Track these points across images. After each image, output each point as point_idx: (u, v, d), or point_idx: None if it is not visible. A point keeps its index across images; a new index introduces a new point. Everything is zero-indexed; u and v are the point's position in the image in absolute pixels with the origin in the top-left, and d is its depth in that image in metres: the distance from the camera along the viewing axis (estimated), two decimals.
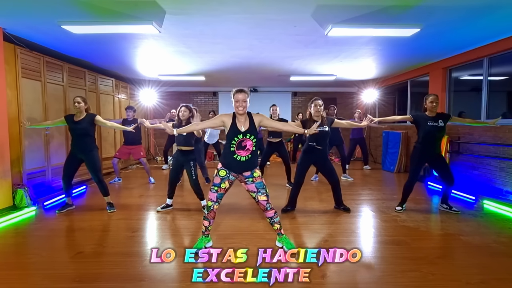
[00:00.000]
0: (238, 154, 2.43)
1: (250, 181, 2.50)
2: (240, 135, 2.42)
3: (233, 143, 2.42)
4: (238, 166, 2.45)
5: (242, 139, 2.43)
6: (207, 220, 2.55)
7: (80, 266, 2.33)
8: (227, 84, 8.54)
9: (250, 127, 2.46)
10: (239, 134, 2.42)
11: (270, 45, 4.59)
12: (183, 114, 3.56)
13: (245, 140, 2.43)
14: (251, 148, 2.44)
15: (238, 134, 2.42)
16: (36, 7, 3.14)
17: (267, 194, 2.52)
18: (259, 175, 2.52)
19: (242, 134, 2.43)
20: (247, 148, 2.43)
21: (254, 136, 2.46)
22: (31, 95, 4.26)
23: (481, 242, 2.76)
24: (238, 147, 2.43)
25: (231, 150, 2.43)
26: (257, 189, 2.50)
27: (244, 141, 2.43)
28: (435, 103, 3.42)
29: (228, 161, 2.47)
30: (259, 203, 2.52)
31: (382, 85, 7.87)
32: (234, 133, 2.43)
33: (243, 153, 2.43)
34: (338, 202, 3.72)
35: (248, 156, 2.44)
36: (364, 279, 2.13)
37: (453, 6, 3.13)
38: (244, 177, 2.51)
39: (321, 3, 3.06)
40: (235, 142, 2.42)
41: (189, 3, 3.05)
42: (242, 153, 2.43)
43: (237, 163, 2.44)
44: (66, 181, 3.66)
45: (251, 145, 2.44)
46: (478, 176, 4.69)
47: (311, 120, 3.49)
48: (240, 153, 2.43)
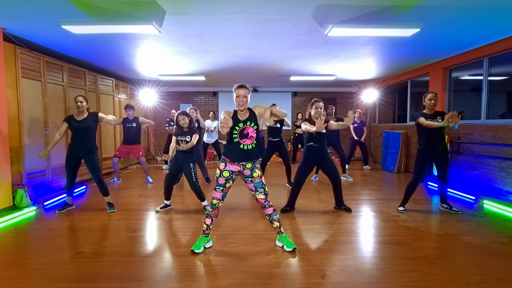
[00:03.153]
0: (243, 143, 2.49)
1: (249, 181, 2.56)
2: (240, 123, 2.49)
3: (235, 133, 2.48)
4: (244, 155, 2.50)
5: (243, 127, 2.48)
6: (210, 218, 2.57)
7: (80, 266, 2.33)
8: (227, 84, 8.52)
9: (250, 116, 2.53)
10: (240, 123, 2.49)
11: (270, 45, 4.59)
12: (183, 122, 3.61)
13: (246, 128, 2.49)
14: (254, 135, 2.50)
15: (238, 123, 2.49)
16: (36, 7, 3.14)
17: (266, 193, 2.57)
18: (258, 175, 2.55)
19: (243, 123, 2.49)
20: (250, 135, 2.49)
21: (254, 123, 2.51)
22: (31, 95, 4.26)
23: (481, 242, 2.76)
24: (241, 136, 2.48)
25: (235, 141, 2.49)
26: (255, 188, 2.56)
27: (246, 129, 2.49)
28: (434, 101, 3.42)
29: (233, 152, 2.51)
30: (258, 200, 2.58)
31: (382, 85, 7.87)
32: (234, 123, 2.48)
33: (248, 141, 2.49)
34: (339, 202, 3.72)
35: (253, 144, 2.51)
36: (364, 279, 2.13)
37: (453, 6, 3.13)
38: (245, 176, 2.56)
39: (321, 3, 3.06)
40: (236, 131, 2.47)
41: (189, 3, 3.05)
42: (247, 141, 2.49)
43: (243, 152, 2.49)
44: (70, 180, 3.67)
45: (253, 131, 2.50)
46: (478, 176, 4.69)
47: (310, 121, 3.51)
48: (245, 141, 2.49)
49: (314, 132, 3.39)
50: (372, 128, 8.53)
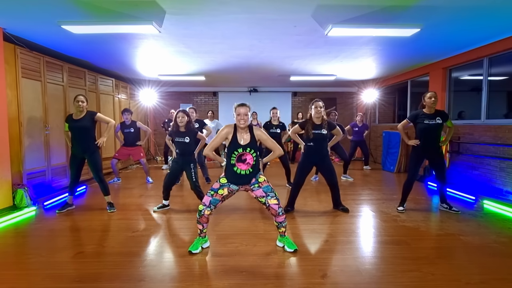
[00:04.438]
0: (238, 167, 2.41)
1: (256, 187, 2.46)
2: (240, 148, 2.41)
3: (233, 156, 2.42)
4: (238, 179, 2.43)
5: (242, 153, 2.41)
6: (200, 224, 2.51)
7: (80, 266, 2.33)
8: (227, 84, 8.54)
9: (251, 141, 2.44)
10: (239, 148, 2.41)
11: (270, 45, 4.59)
12: (181, 120, 3.56)
13: (245, 154, 2.42)
14: (251, 162, 2.42)
15: (238, 148, 2.41)
16: (36, 7, 3.14)
17: (277, 198, 2.47)
18: (265, 180, 2.49)
19: (242, 148, 2.41)
20: (247, 162, 2.42)
21: (254, 150, 2.43)
22: (31, 95, 4.26)
23: (481, 242, 2.76)
24: (238, 160, 2.41)
25: (231, 163, 2.42)
26: (265, 193, 2.44)
27: (244, 155, 2.42)
28: (434, 99, 3.42)
29: (229, 173, 2.46)
30: (270, 207, 2.44)
31: (382, 85, 7.88)
32: (234, 146, 2.42)
33: (244, 167, 2.41)
34: (336, 204, 3.72)
35: (249, 170, 2.42)
36: (364, 279, 2.13)
37: (453, 6, 3.13)
38: (250, 185, 2.47)
39: (321, 3, 3.06)
40: (235, 156, 2.41)
41: (189, 3, 3.05)
42: (242, 166, 2.41)
43: (237, 176, 2.42)
44: (73, 180, 3.67)
45: (251, 159, 2.42)
46: (478, 176, 4.69)
47: (311, 122, 3.50)
48: (240, 166, 2.41)
49: (310, 135, 3.43)
50: (372, 128, 8.52)
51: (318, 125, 3.49)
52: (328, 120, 3.60)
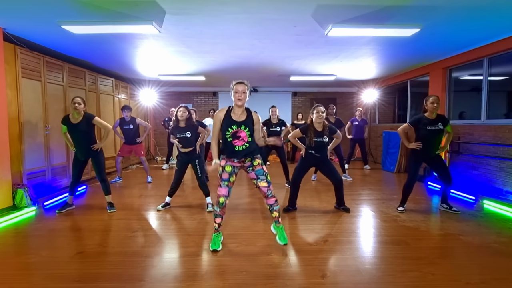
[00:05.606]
0: (235, 144, 2.48)
1: (250, 170, 2.56)
2: (234, 125, 2.47)
3: (228, 133, 2.47)
4: (238, 154, 2.50)
5: (236, 130, 2.47)
6: (219, 216, 2.60)
7: (80, 266, 2.33)
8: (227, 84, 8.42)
9: (247, 119, 2.50)
10: (234, 125, 2.47)
11: (270, 45, 4.59)
12: (182, 114, 3.65)
13: (239, 131, 2.47)
14: (246, 139, 2.48)
15: (232, 125, 2.47)
16: (36, 7, 3.14)
17: (268, 181, 2.55)
18: (259, 163, 2.56)
19: (237, 125, 2.47)
20: (242, 138, 2.48)
21: (248, 128, 2.49)
22: (31, 95, 4.26)
23: (481, 242, 2.76)
24: (234, 137, 2.47)
25: (229, 141, 2.48)
26: (256, 176, 2.54)
27: (238, 132, 2.47)
28: (436, 104, 3.40)
29: (229, 151, 2.51)
30: (260, 189, 2.56)
31: (382, 85, 7.88)
32: (228, 123, 2.47)
33: (239, 143, 2.48)
34: (340, 202, 3.72)
35: (245, 145, 2.49)
36: (364, 279, 2.13)
37: (453, 6, 3.13)
38: (246, 168, 2.56)
39: (321, 3, 3.06)
40: (229, 132, 2.47)
41: (189, 3, 3.05)
42: (238, 142, 2.48)
43: (236, 152, 2.49)
44: (74, 180, 3.68)
45: (246, 136, 2.48)
46: (478, 176, 4.69)
47: (313, 129, 3.49)
48: (236, 143, 2.48)
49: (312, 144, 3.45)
50: (372, 128, 8.53)
51: (320, 132, 3.49)
52: (329, 125, 3.59)
